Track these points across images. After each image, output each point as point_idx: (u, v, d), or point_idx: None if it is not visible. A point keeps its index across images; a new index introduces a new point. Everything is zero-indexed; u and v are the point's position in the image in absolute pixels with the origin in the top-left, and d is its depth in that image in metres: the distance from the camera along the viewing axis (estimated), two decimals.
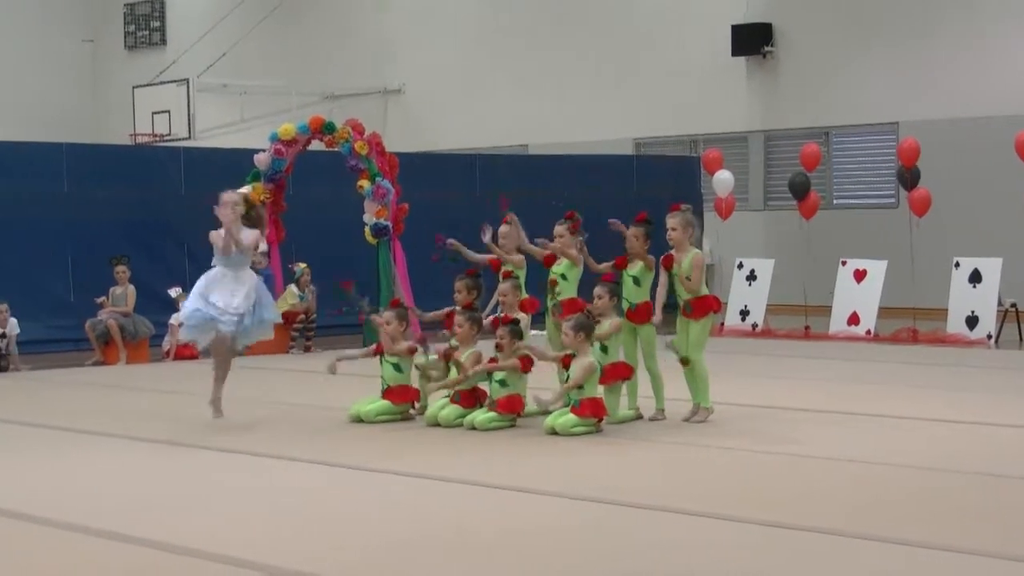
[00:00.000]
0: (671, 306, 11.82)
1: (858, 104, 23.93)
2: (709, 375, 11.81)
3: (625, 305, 11.96)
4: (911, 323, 19.38)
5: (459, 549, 7.30)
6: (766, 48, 25.00)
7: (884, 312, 19.81)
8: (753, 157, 25.43)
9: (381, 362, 12.18)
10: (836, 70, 24.14)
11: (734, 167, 23.15)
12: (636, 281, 11.95)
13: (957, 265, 19.28)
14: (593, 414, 11.26)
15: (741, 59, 25.24)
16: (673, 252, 11.73)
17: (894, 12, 23.55)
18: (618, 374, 11.69)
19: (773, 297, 20.95)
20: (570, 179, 22.58)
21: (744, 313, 20.77)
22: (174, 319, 17.81)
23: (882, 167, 23.93)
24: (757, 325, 20.58)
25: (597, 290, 11.75)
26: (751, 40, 24.94)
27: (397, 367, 12.12)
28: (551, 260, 12.39)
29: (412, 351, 12.15)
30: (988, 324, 18.71)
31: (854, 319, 19.76)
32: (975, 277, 19.05)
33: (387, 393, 12.11)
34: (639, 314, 11.89)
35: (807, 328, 19.91)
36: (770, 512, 7.92)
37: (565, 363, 11.46)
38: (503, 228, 12.82)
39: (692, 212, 12.08)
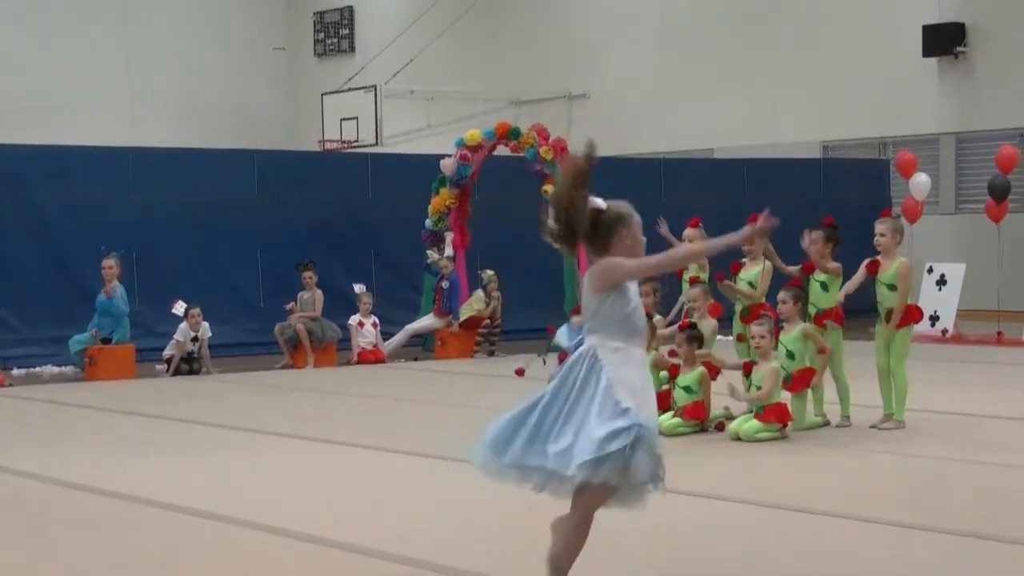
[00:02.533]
0: (866, 311, 11.71)
1: None
2: (907, 388, 11.62)
3: (812, 310, 11.86)
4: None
5: (653, 556, 7.28)
6: (959, 48, 24.52)
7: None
8: (944, 159, 24.96)
9: None
10: None
11: (924, 170, 22.75)
12: (824, 286, 11.85)
13: None
14: (778, 419, 11.16)
15: (932, 60, 24.78)
16: (880, 258, 11.60)
17: None
18: (805, 381, 11.55)
19: (964, 302, 20.53)
20: (756, 183, 22.41)
21: (934, 319, 20.36)
22: (353, 320, 18.09)
23: None
24: (947, 331, 20.18)
25: (781, 295, 11.66)
26: (943, 40, 24.48)
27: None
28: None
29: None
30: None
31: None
32: None
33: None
34: (826, 318, 11.80)
35: (999, 334, 19.47)
36: (964, 522, 7.77)
37: (746, 369, 11.38)
38: (689, 231, 12.80)
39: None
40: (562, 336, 11.81)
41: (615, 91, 29.59)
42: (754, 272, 12.26)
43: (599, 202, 6.43)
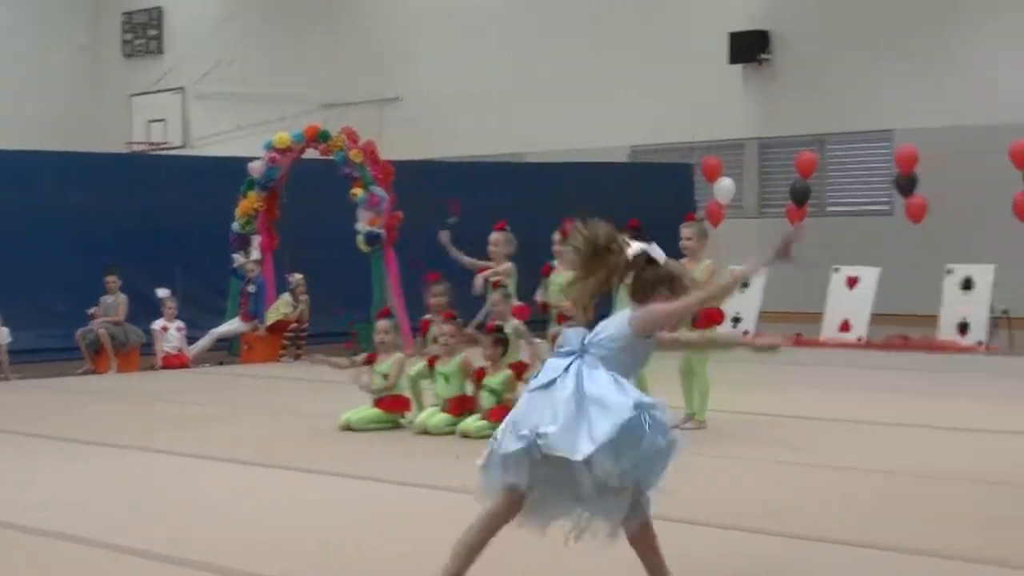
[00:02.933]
0: None
1: (853, 111, 23.96)
2: (709, 388, 11.82)
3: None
4: (902, 330, 19.41)
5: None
6: (763, 55, 25.02)
7: (876, 319, 19.82)
8: (747, 164, 25.44)
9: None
10: (832, 77, 24.16)
11: (729, 174, 23.16)
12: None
13: (950, 271, 19.30)
14: None
15: (738, 66, 25.25)
16: (686, 261, 11.78)
17: (890, 21, 23.57)
18: None
19: (766, 304, 20.95)
20: (566, 186, 22.57)
21: (736, 320, 20.74)
22: (157, 324, 17.87)
23: (877, 174, 23.95)
24: (749, 332, 20.57)
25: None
26: (748, 47, 24.96)
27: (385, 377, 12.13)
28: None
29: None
30: (980, 331, 18.73)
31: (845, 326, 19.77)
32: (967, 284, 19.08)
33: (379, 402, 12.12)
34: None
35: (799, 335, 19.91)
36: (779, 522, 7.91)
37: None
38: (495, 235, 12.86)
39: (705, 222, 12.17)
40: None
41: (426, 94, 29.62)
42: (563, 276, 12.35)
43: (657, 253, 6.24)
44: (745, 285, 20.65)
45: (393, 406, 12.13)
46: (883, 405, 13.26)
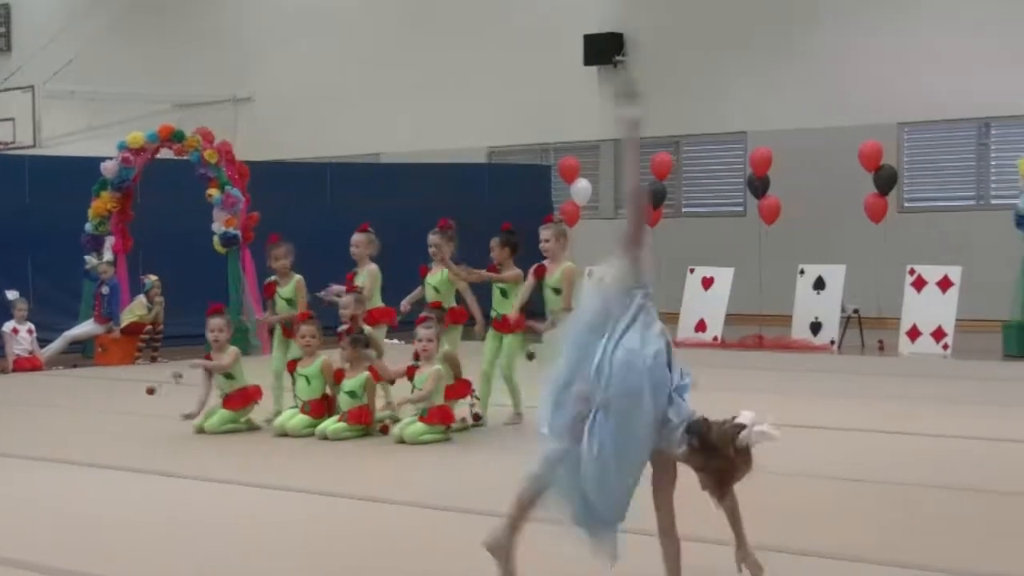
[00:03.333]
0: (535, 315, 12.01)
1: (707, 113, 24.24)
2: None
3: (494, 315, 12.11)
4: (757, 329, 19.68)
5: (305, 558, 7.27)
6: (618, 57, 25.19)
7: (731, 319, 20.07)
8: (603, 166, 25.62)
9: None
10: (686, 80, 24.40)
11: (585, 175, 23.31)
12: (504, 293, 12.15)
13: (802, 272, 19.60)
14: (441, 421, 11.28)
15: (593, 68, 25.42)
16: (547, 263, 11.88)
17: (743, 24, 23.87)
18: (459, 392, 11.74)
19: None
20: (423, 188, 22.58)
21: None
22: (7, 327, 17.57)
23: (731, 176, 24.26)
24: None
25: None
26: (603, 49, 25.12)
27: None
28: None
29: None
30: (831, 330, 19.05)
31: (701, 326, 20.00)
32: (819, 284, 19.39)
33: (225, 401, 12.00)
34: (505, 324, 12.06)
35: None
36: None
37: (409, 373, 11.48)
38: (356, 236, 12.83)
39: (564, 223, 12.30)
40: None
41: (281, 94, 29.42)
42: (438, 277, 12.32)
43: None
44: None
45: (240, 402, 12.02)
46: (737, 404, 13.41)
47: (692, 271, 20.50)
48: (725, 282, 20.09)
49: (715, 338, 19.75)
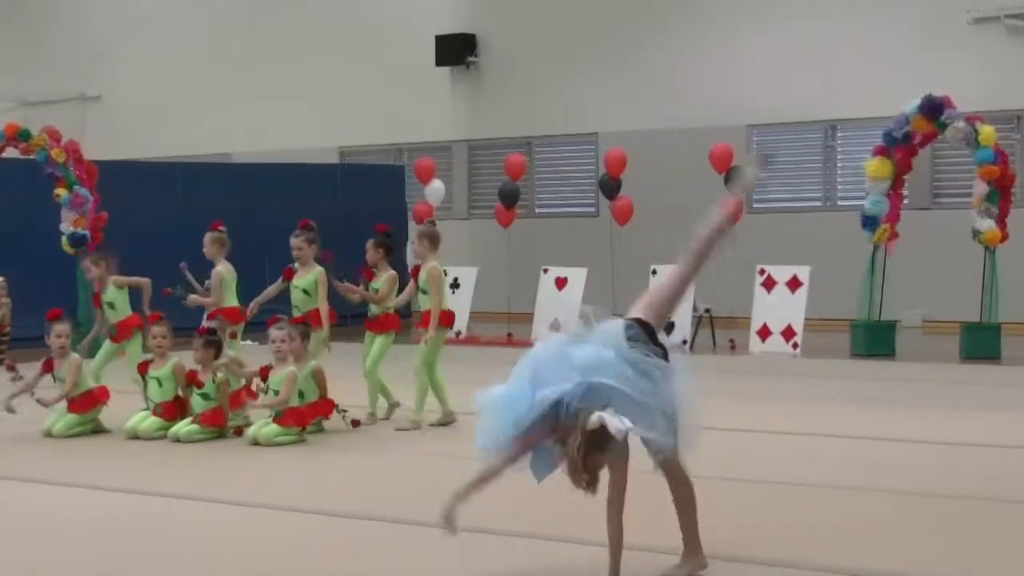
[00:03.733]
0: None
1: (560, 114, 24.36)
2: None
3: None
4: None
5: (151, 561, 7.18)
6: (470, 58, 25.25)
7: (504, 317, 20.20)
8: (457, 166, 25.65)
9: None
10: (539, 81, 24.51)
11: (439, 176, 23.27)
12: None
13: (655, 272, 19.77)
14: (296, 423, 11.22)
15: (446, 69, 25.43)
16: (420, 264, 12.06)
17: (595, 25, 24.03)
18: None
19: (477, 304, 21.17)
20: (274, 188, 22.43)
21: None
22: None
23: (583, 176, 24.40)
24: (461, 332, 20.72)
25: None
26: (455, 50, 25.15)
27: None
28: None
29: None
30: (684, 329, 19.24)
31: (555, 326, 20.05)
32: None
33: (70, 405, 11.82)
34: (377, 323, 12.10)
35: (509, 335, 20.16)
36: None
37: (263, 375, 11.40)
38: (206, 236, 12.74)
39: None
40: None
41: (131, 93, 29.03)
42: (306, 279, 12.26)
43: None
44: (456, 286, 20.86)
45: (86, 405, 11.86)
46: None
47: (546, 271, 20.58)
48: (578, 282, 20.20)
49: None
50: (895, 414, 12.62)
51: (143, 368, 11.94)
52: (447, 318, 12.21)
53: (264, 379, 11.36)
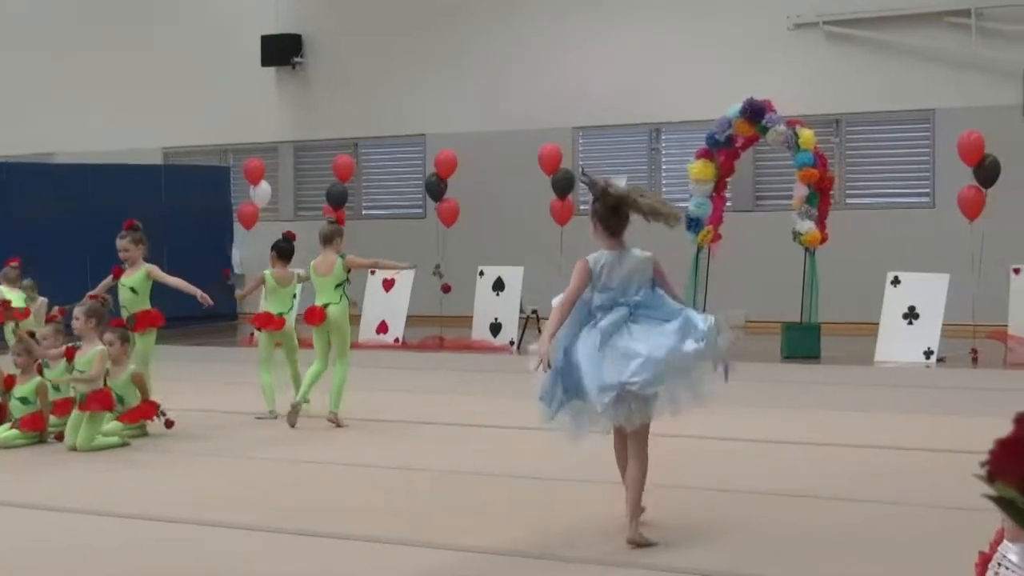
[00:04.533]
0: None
1: (387, 115, 24.32)
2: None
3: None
4: (438, 331, 19.85)
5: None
6: (296, 59, 25.10)
7: (412, 320, 20.20)
8: (283, 167, 25.48)
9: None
10: (366, 82, 24.46)
11: (266, 177, 23.11)
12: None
13: (481, 273, 19.85)
14: (143, 417, 11.18)
15: (272, 69, 25.26)
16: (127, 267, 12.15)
17: (424, 28, 24.05)
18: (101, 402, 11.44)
19: (303, 306, 20.99)
20: (99, 189, 22.09)
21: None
22: None
23: (411, 178, 24.39)
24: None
25: (76, 311, 11.57)
26: (281, 51, 24.99)
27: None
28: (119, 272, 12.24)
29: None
30: (511, 330, 19.33)
31: (383, 327, 20.05)
32: (499, 285, 19.66)
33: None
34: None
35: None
36: (293, 520, 7.96)
37: (68, 355, 11.21)
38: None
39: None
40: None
41: None
42: (134, 278, 12.11)
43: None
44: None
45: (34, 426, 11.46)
46: (418, 405, 13.51)
47: (373, 273, 20.53)
48: (406, 284, 20.20)
49: (396, 339, 19.84)
50: (716, 412, 12.78)
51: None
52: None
53: (69, 360, 11.15)
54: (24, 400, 11.29)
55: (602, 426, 7.31)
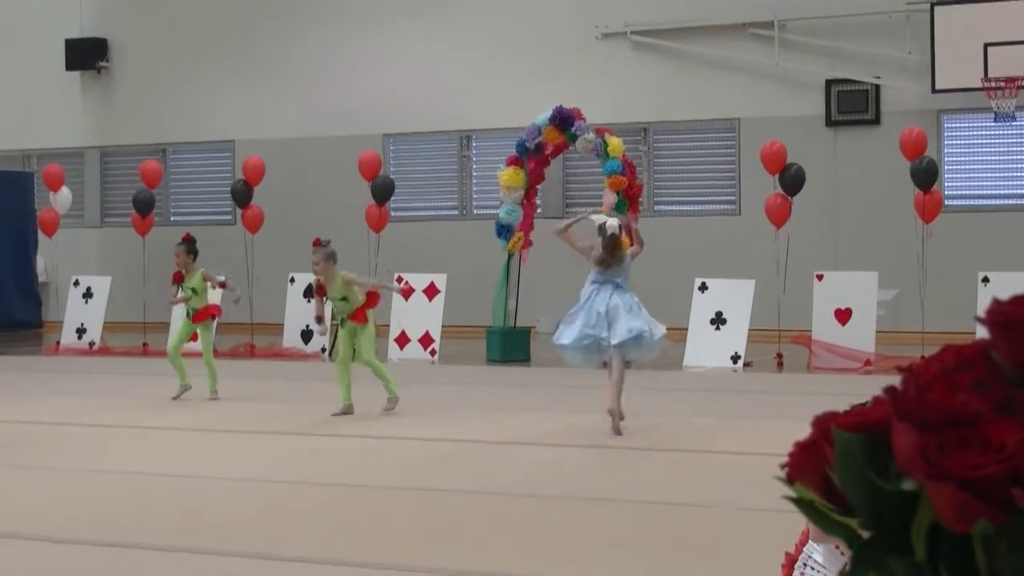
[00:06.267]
0: None
1: (195, 121, 24.04)
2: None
3: None
4: (248, 338, 19.68)
5: None
6: (101, 63, 24.70)
7: (223, 327, 19.99)
8: (88, 173, 25.04)
9: None
10: (173, 87, 24.15)
11: (70, 183, 22.67)
12: None
13: (292, 280, 19.73)
14: None
15: (76, 74, 24.81)
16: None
17: (232, 33, 23.82)
18: None
19: (111, 314, 20.71)
20: None
21: (81, 331, 20.40)
22: None
23: (219, 184, 24.13)
24: (95, 343, 20.27)
25: None
26: (86, 54, 24.56)
27: None
28: None
29: None
30: (322, 338, 19.23)
31: (194, 337, 19.81)
32: (310, 292, 19.52)
33: None
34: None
35: (145, 345, 19.81)
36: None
37: None
38: None
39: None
40: None
41: None
42: None
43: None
44: (89, 295, 20.35)
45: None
46: (229, 413, 13.41)
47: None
48: (215, 292, 19.97)
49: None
50: (528, 419, 12.89)
51: None
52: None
53: None
54: None
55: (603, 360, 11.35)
